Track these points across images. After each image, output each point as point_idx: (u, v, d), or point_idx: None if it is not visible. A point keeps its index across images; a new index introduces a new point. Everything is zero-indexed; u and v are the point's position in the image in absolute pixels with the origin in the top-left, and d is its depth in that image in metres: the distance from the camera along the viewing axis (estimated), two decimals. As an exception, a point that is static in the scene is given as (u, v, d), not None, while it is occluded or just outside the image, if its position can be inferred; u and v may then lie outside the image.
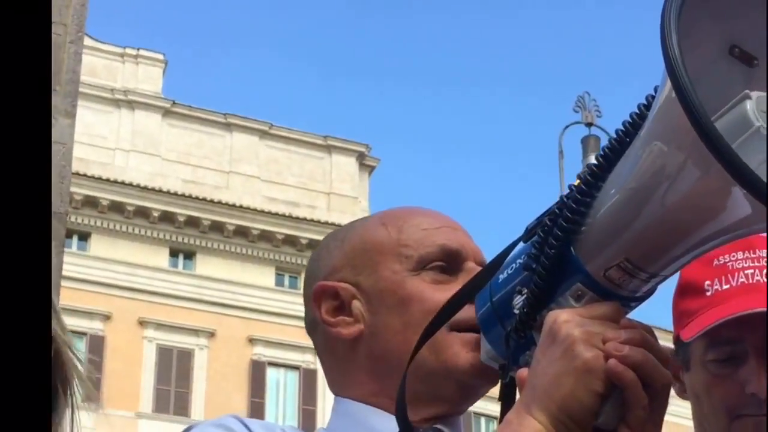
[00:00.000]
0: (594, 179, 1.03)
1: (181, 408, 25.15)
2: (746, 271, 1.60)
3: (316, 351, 1.40)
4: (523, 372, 1.06)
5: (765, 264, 1.61)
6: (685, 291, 1.65)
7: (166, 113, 29.03)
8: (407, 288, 1.31)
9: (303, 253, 27.48)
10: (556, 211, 1.05)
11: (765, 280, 1.59)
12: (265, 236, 27.67)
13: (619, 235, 1.00)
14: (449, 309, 1.22)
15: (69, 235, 21.14)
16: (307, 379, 26.49)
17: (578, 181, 1.04)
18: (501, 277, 1.14)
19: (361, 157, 30.37)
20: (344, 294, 1.34)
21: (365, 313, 1.33)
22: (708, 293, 1.61)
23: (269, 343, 26.80)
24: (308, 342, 1.43)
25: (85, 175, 25.44)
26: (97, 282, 25.05)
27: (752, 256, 1.62)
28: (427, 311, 1.26)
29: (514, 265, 1.12)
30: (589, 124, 14.27)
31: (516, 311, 1.09)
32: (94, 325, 25.13)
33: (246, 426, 1.22)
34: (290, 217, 27.92)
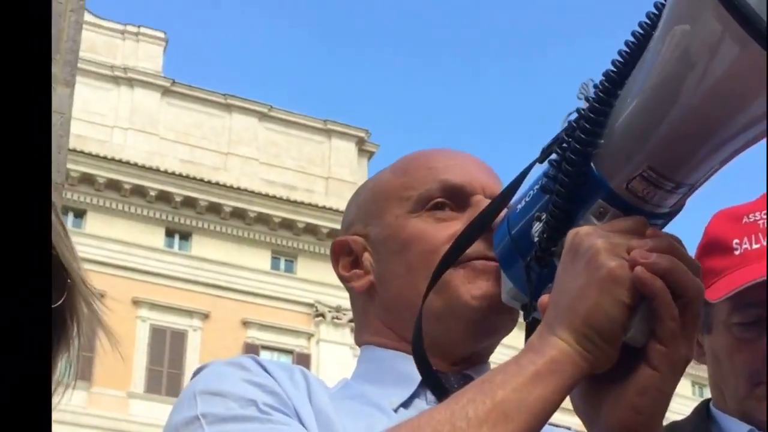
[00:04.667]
0: (612, 85, 0.97)
1: (174, 389, 24.96)
2: None
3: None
4: (544, 298, 1.00)
5: None
6: (710, 249, 1.58)
7: (166, 92, 28.84)
8: (408, 230, 1.25)
9: (299, 237, 27.36)
10: (573, 124, 1.00)
11: None
12: (262, 219, 27.53)
13: (641, 140, 0.94)
14: (460, 244, 1.17)
15: (65, 211, 20.99)
16: (301, 363, 25.98)
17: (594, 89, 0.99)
18: (519, 207, 1.09)
19: (360, 143, 30.23)
20: (356, 247, 1.31)
21: (374, 263, 1.29)
22: (736, 252, 1.54)
23: (263, 327, 26.65)
24: (302, 326, 1.30)
25: (82, 152, 25.24)
26: (92, 260, 24.80)
27: None
28: (429, 250, 1.22)
29: (531, 192, 1.07)
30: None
31: (536, 239, 1.04)
32: (88, 304, 24.91)
33: (261, 365, 1.16)
34: (288, 201, 27.76)
